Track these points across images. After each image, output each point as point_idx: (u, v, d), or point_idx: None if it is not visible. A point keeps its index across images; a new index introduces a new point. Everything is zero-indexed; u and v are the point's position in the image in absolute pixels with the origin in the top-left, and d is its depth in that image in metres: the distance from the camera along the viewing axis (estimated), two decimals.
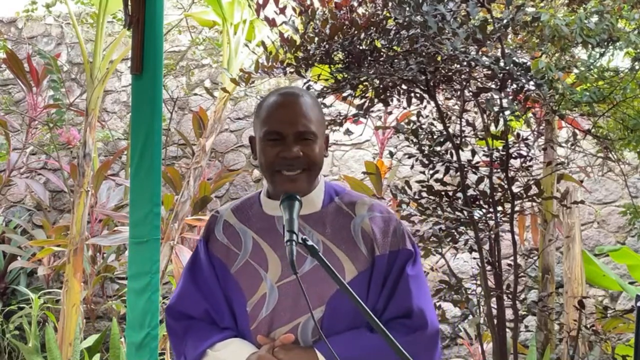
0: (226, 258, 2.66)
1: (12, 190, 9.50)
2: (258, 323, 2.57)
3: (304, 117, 2.54)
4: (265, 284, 2.58)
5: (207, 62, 9.31)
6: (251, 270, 2.61)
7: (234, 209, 2.76)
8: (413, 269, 2.62)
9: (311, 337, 2.53)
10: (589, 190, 7.59)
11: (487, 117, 4.31)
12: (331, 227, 2.62)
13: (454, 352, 7.76)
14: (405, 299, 2.56)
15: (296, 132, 2.51)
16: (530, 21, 4.07)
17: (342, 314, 2.52)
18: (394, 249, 2.61)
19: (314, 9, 4.24)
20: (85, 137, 6.58)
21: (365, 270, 2.57)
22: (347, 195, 2.72)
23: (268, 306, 2.56)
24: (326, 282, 2.43)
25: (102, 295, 8.58)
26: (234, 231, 2.69)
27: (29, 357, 6.65)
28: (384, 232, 2.62)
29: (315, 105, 2.63)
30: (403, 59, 4.15)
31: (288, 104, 2.57)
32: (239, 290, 2.61)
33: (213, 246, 2.71)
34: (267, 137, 2.53)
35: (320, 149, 2.57)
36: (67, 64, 9.72)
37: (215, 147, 8.73)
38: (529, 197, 4.37)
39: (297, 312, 2.53)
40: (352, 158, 8.59)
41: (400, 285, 2.58)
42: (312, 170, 2.56)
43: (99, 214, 7.90)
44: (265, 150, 2.54)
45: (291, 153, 2.50)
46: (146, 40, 4.02)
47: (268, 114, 2.57)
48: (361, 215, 2.64)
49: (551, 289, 5.80)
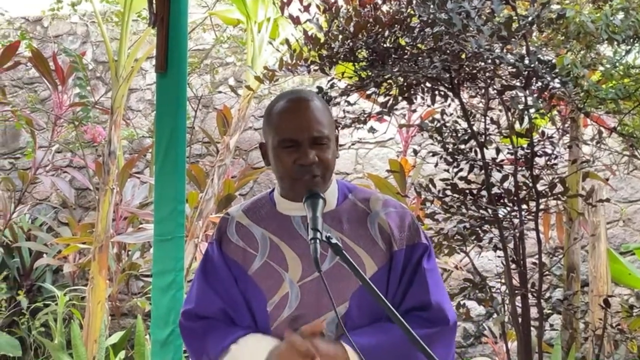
0: (242, 260, 2.65)
1: (38, 188, 9.56)
2: (280, 322, 2.57)
3: (316, 122, 2.53)
4: (286, 283, 2.58)
5: (231, 60, 9.33)
6: (271, 271, 2.60)
7: (245, 209, 2.76)
8: (429, 262, 2.64)
9: (336, 333, 2.53)
10: (614, 189, 7.55)
11: (511, 115, 4.29)
12: (348, 224, 2.62)
13: (478, 350, 7.73)
14: (423, 292, 2.58)
15: (311, 138, 2.51)
16: (556, 18, 4.04)
17: (365, 310, 2.53)
18: (410, 244, 2.63)
19: (338, 6, 4.24)
20: (110, 135, 6.62)
21: (384, 266, 2.58)
22: (359, 192, 2.73)
23: (291, 305, 2.56)
24: (347, 279, 2.45)
25: (127, 293, 8.63)
26: (248, 232, 2.68)
27: (54, 353, 6.69)
28: (400, 227, 2.64)
29: (325, 108, 2.63)
30: (427, 57, 4.14)
31: (299, 109, 2.56)
32: (258, 291, 2.61)
33: (227, 248, 2.69)
34: (282, 145, 2.53)
35: (333, 152, 2.58)
36: (92, 62, 9.78)
37: (239, 145, 8.75)
38: (554, 195, 4.35)
39: (321, 310, 2.52)
40: (376, 156, 8.58)
41: (417, 279, 2.59)
42: (327, 174, 2.56)
43: (124, 212, 7.93)
44: (280, 157, 2.54)
45: (308, 160, 2.49)
46: (171, 38, 4.04)
47: (280, 121, 2.56)
48: (376, 211, 2.65)
49: (576, 287, 5.78)
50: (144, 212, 7.66)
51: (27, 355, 8.03)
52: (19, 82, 10.12)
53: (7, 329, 8.26)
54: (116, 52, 6.64)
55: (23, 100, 9.87)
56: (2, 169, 9.93)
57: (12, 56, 8.52)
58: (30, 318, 7.92)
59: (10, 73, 9.67)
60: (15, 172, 9.65)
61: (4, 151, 10.05)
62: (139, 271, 8.14)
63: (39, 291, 8.62)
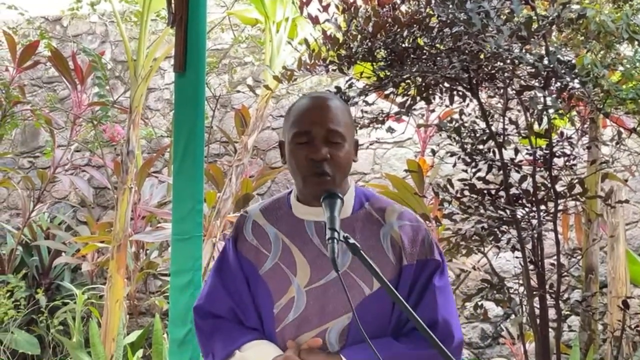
0: (255, 259, 2.66)
1: (56, 186, 9.62)
2: (284, 326, 2.57)
3: (332, 118, 2.53)
4: (293, 287, 2.57)
5: (250, 59, 9.34)
6: (280, 273, 2.60)
7: (262, 209, 2.76)
8: (440, 280, 2.60)
9: (338, 343, 2.53)
10: (633, 190, 7.51)
11: (530, 116, 4.28)
12: (360, 233, 2.59)
13: (495, 351, 7.71)
14: (431, 310, 2.54)
15: (324, 133, 2.50)
16: (576, 18, 4.03)
17: (369, 321, 2.47)
18: (421, 259, 2.59)
19: (357, 6, 4.24)
20: (128, 135, 6.64)
21: (393, 279, 2.54)
22: (377, 201, 2.70)
23: (296, 310, 2.56)
24: (353, 290, 2.44)
25: (145, 292, 8.66)
26: (263, 232, 2.69)
27: (73, 352, 6.72)
28: (412, 241, 2.60)
29: (344, 109, 2.62)
30: (446, 57, 4.13)
31: (317, 106, 2.57)
32: (267, 291, 2.61)
33: (242, 246, 2.70)
34: (296, 139, 2.52)
35: (348, 153, 2.55)
36: (111, 61, 9.82)
37: (258, 145, 8.76)
38: (573, 196, 4.33)
39: (324, 318, 2.52)
40: (394, 156, 8.57)
41: (426, 296, 2.56)
42: (338, 174, 2.53)
43: (142, 211, 7.95)
44: (294, 152, 2.54)
45: (319, 155, 2.48)
46: (189, 38, 4.05)
47: (297, 117, 2.57)
48: (390, 223, 2.62)
49: (595, 288, 5.75)
50: (162, 211, 7.68)
51: (46, 353, 8.07)
52: (39, 81, 10.17)
53: (26, 327, 8.30)
54: (135, 52, 6.66)
55: (42, 99, 9.93)
56: (22, 168, 9.98)
57: (31, 55, 8.59)
58: (48, 316, 7.96)
59: (29, 72, 9.74)
60: (34, 171, 9.70)
61: (23, 150, 10.10)
62: (157, 270, 8.16)
63: (58, 289, 8.66)
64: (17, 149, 10.10)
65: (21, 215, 8.93)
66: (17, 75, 8.81)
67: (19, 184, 9.13)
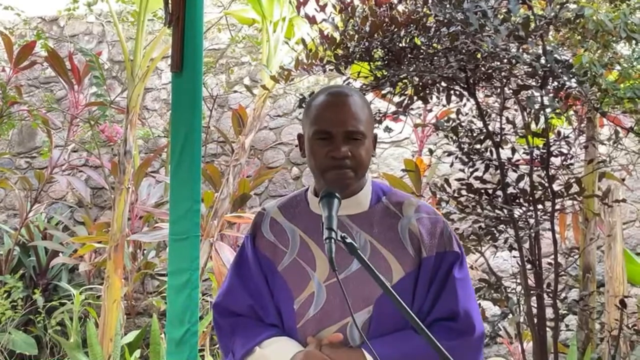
0: (273, 255, 2.67)
1: (54, 187, 9.61)
2: (305, 321, 2.58)
3: (353, 116, 2.53)
4: (313, 282, 2.58)
5: (247, 59, 9.34)
6: (299, 269, 2.61)
7: (280, 206, 2.77)
8: (460, 271, 2.60)
9: (359, 337, 2.52)
10: (630, 189, 7.51)
11: (527, 115, 4.28)
12: (378, 227, 2.60)
13: (493, 350, 7.71)
14: (452, 301, 2.54)
15: (345, 132, 2.50)
16: (574, 18, 4.03)
17: (390, 315, 2.49)
18: (440, 251, 2.59)
19: (354, 6, 4.24)
20: (126, 135, 6.63)
21: (412, 272, 2.55)
22: (393, 195, 2.70)
23: (316, 305, 2.57)
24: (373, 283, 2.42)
25: (142, 292, 8.66)
26: (281, 229, 2.70)
27: (70, 352, 6.71)
28: (431, 233, 2.60)
29: (364, 105, 2.61)
30: (443, 57, 4.13)
31: (338, 103, 2.56)
32: (286, 287, 2.62)
33: (260, 243, 2.71)
34: (316, 136, 2.53)
35: (368, 149, 2.56)
36: (108, 62, 9.81)
37: (255, 145, 8.76)
38: (570, 195, 4.33)
39: (345, 312, 2.50)
40: (391, 156, 8.57)
41: (447, 288, 2.56)
42: (359, 170, 2.55)
43: (140, 211, 7.95)
44: (314, 149, 2.54)
45: (340, 153, 2.48)
46: (186, 38, 4.04)
47: (317, 113, 2.56)
48: (408, 216, 2.62)
49: (592, 288, 5.75)
50: (159, 211, 7.68)
51: (43, 353, 8.07)
52: (35, 81, 10.16)
53: (23, 327, 8.31)
54: (132, 52, 6.66)
55: (39, 99, 9.91)
56: (19, 168, 9.97)
57: (28, 56, 8.59)
58: (46, 317, 7.96)
59: (26, 73, 9.72)
60: (31, 171, 9.70)
61: (20, 150, 10.09)
62: (154, 270, 8.16)
63: (55, 290, 8.66)
64: (14, 149, 10.09)
65: (18, 215, 8.92)
66: (14, 76, 8.81)
67: (16, 185, 9.12)
